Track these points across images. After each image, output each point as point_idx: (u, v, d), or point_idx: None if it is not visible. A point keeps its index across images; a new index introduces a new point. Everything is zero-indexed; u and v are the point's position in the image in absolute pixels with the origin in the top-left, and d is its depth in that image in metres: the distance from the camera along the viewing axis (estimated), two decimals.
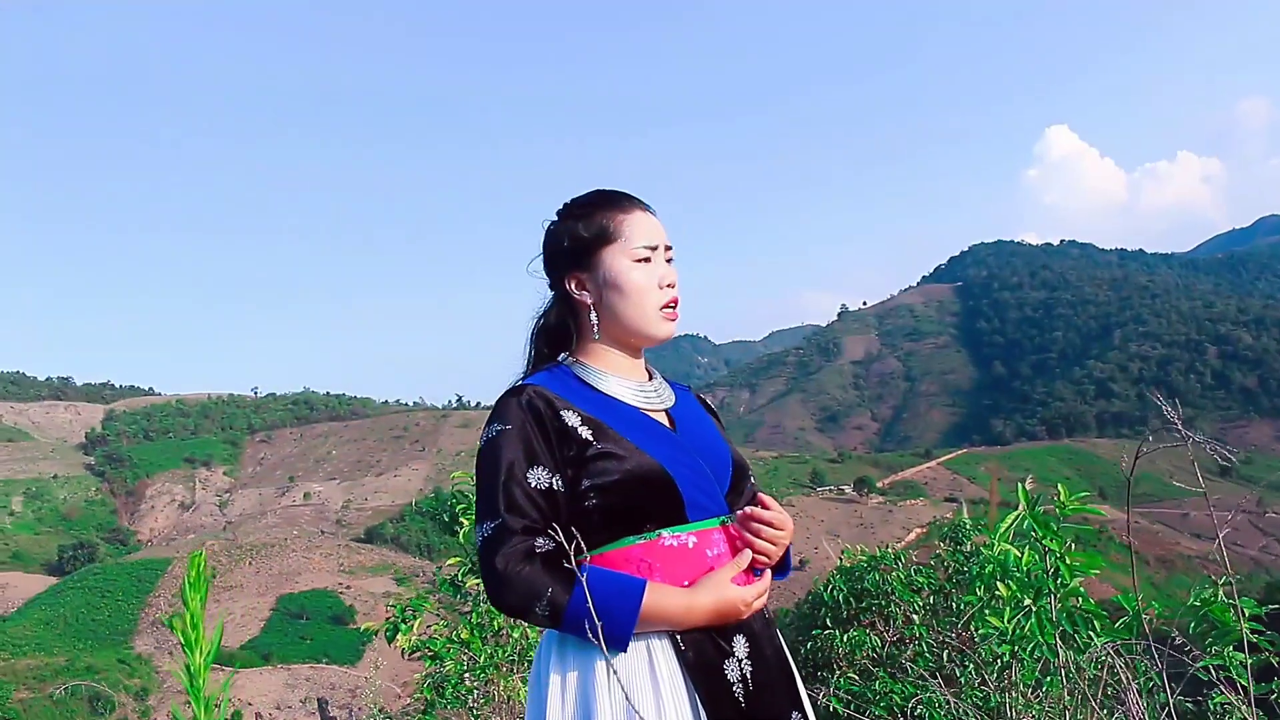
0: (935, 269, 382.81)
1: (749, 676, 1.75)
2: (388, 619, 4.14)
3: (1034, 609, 2.87)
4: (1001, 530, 2.90)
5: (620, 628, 1.65)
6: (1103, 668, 2.96)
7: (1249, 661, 2.70)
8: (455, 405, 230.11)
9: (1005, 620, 2.94)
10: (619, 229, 1.88)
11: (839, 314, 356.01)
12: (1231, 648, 2.76)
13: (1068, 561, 2.81)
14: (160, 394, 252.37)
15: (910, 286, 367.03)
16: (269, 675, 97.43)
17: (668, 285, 1.90)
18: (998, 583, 3.01)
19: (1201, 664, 2.78)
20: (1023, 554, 2.95)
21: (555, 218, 1.95)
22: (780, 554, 1.87)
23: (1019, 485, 2.88)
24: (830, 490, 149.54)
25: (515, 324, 2.03)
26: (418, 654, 4.02)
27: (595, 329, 1.89)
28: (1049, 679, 3.10)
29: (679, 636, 1.72)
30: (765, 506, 1.84)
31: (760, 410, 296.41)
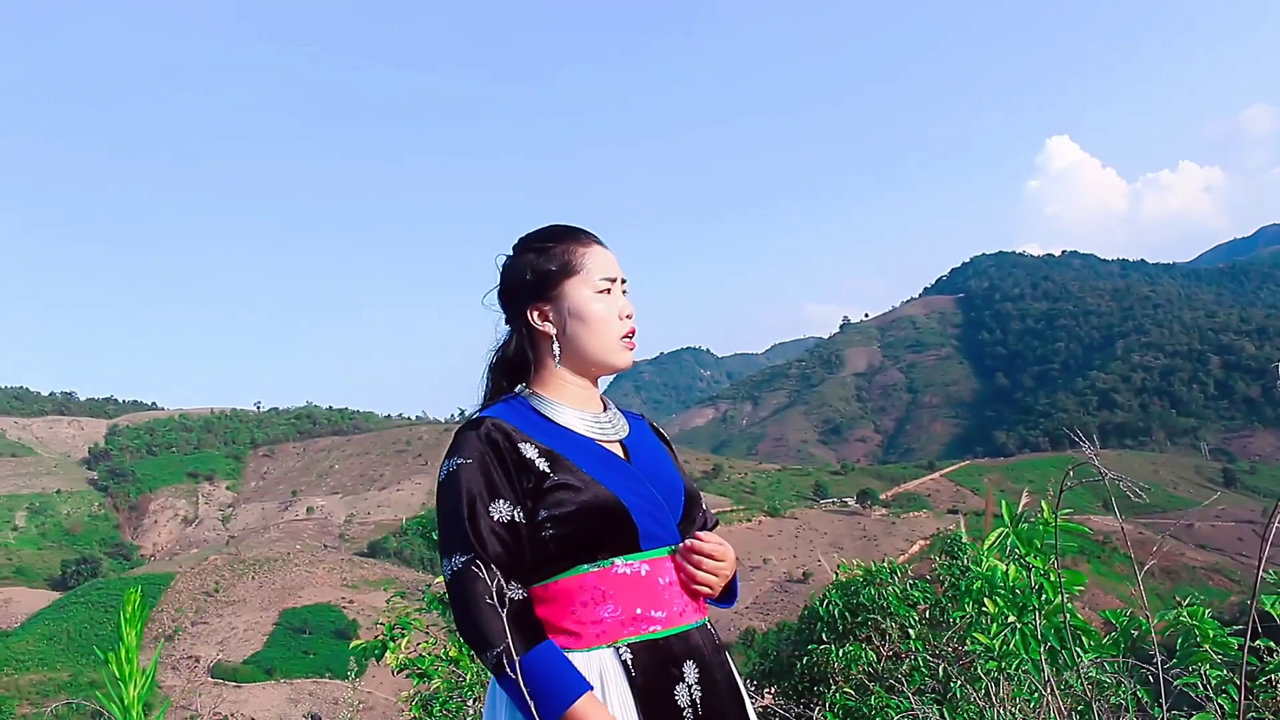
0: (937, 280, 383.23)
1: (699, 702, 1.79)
2: (376, 637, 4.13)
3: (1019, 625, 2.85)
4: (987, 545, 2.89)
5: (545, 714, 1.67)
6: (1090, 684, 2.94)
7: (1212, 680, 2.71)
8: (458, 419, 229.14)
9: (992, 637, 2.92)
10: (580, 262, 1.93)
11: (841, 326, 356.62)
12: (1208, 666, 2.74)
13: (1051, 578, 2.78)
14: (163, 409, 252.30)
15: (912, 298, 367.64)
16: (272, 690, 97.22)
17: (626, 316, 1.96)
18: (985, 599, 2.99)
19: (1179, 682, 2.77)
20: (1009, 570, 2.93)
21: (512, 253, 2.00)
22: (722, 584, 1.92)
23: (1003, 501, 2.86)
24: (833, 503, 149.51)
25: None
26: (405, 671, 4.02)
27: (558, 358, 1.94)
28: (1035, 695, 3.08)
29: (630, 662, 1.77)
30: (701, 539, 1.89)
31: (763, 423, 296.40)
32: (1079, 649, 2.81)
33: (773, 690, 6.81)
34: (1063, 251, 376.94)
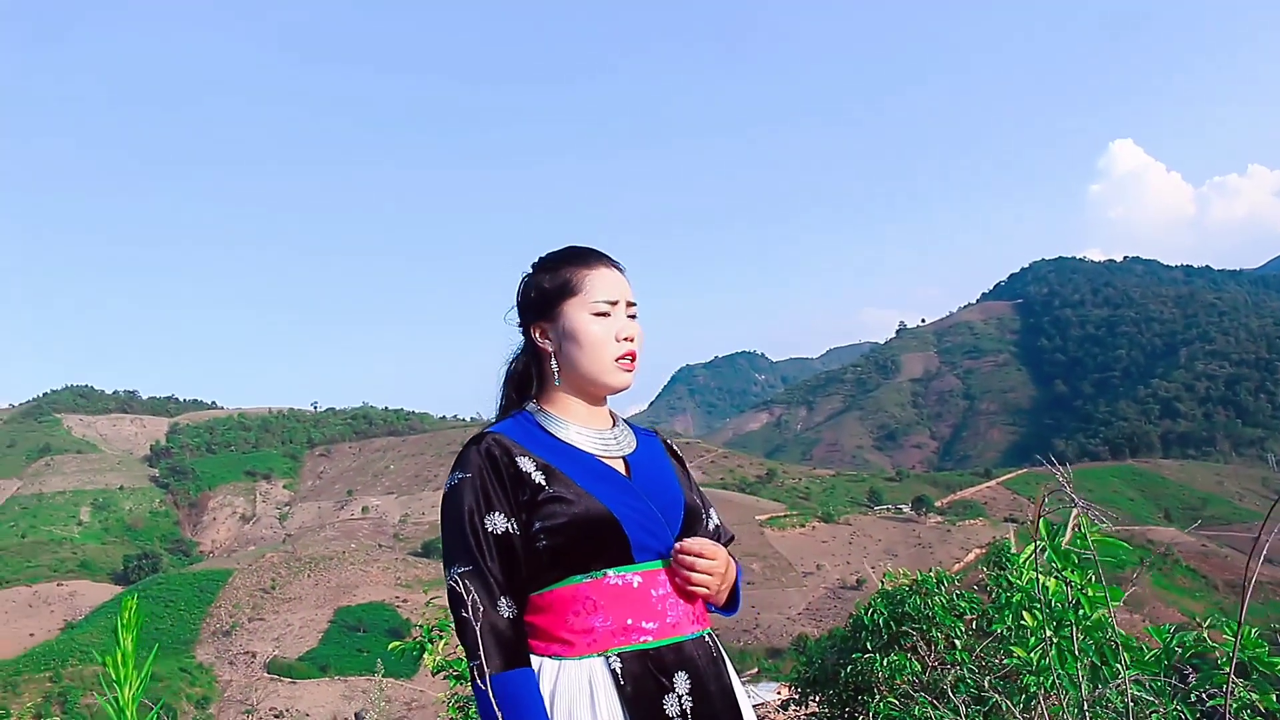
0: (995, 286, 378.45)
1: (689, 712, 1.84)
2: (414, 639, 4.16)
3: (1055, 640, 2.80)
4: (1023, 559, 2.84)
5: None
6: (1132, 700, 2.88)
7: (1233, 705, 2.70)
8: None
9: (1030, 650, 2.88)
10: (580, 283, 2.00)
11: (897, 331, 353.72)
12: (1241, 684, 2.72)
13: (1088, 593, 2.77)
14: (222, 408, 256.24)
15: (970, 303, 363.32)
16: (327, 686, 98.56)
17: (625, 339, 2.01)
18: (1024, 612, 2.95)
19: (1213, 702, 2.75)
20: (1048, 583, 2.88)
21: (529, 270, 2.09)
22: (719, 586, 1.97)
23: (1041, 515, 2.81)
24: (888, 509, 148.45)
25: None
26: (444, 673, 4.04)
27: (556, 376, 2.03)
28: (1076, 711, 3.03)
29: (619, 671, 1.83)
30: (690, 540, 1.95)
31: (818, 428, 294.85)
32: (1120, 664, 2.76)
33: (817, 699, 6.77)
34: (1125, 257, 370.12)
